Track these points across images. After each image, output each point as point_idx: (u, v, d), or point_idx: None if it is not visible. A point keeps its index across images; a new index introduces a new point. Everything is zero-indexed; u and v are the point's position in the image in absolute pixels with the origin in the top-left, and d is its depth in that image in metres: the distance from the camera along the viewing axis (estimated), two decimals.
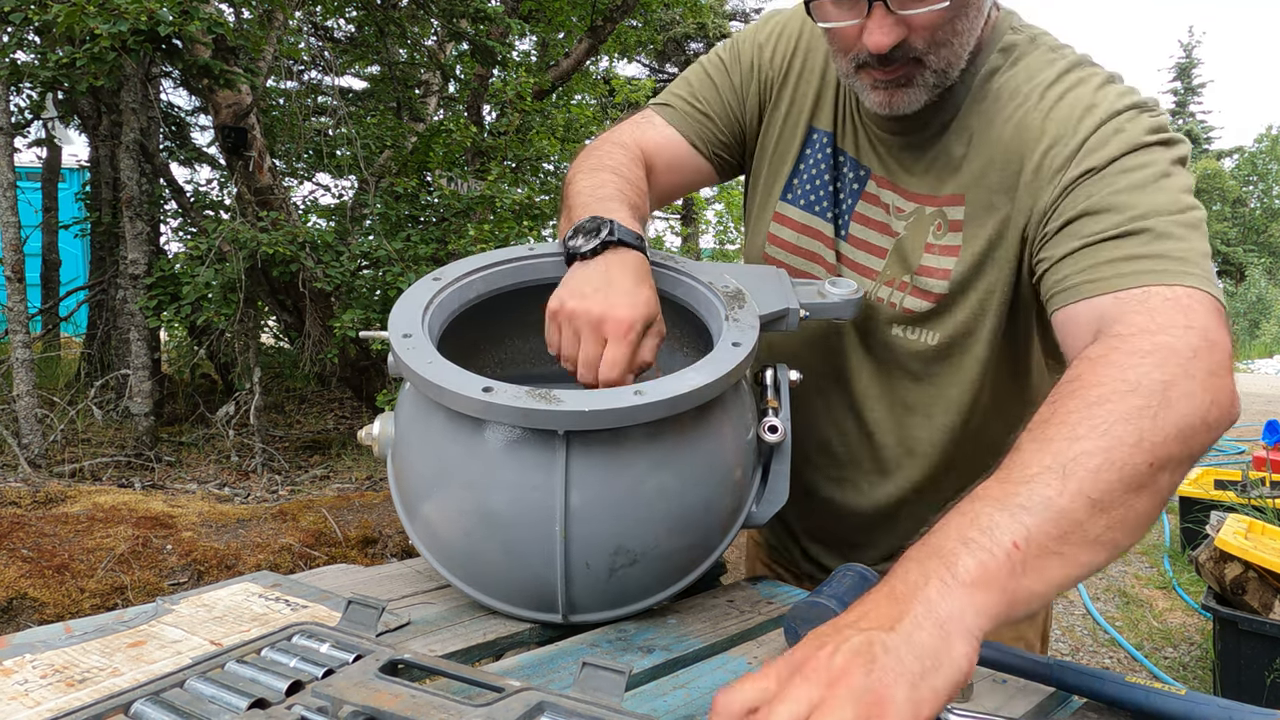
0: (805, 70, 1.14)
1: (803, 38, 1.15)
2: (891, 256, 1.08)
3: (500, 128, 6.35)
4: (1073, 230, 0.87)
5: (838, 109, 1.12)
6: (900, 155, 1.07)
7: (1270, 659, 2.65)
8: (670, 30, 16.32)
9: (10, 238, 4.22)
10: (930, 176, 1.05)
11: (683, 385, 0.82)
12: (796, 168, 1.14)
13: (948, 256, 1.03)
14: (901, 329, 1.08)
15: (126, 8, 3.63)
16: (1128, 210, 0.84)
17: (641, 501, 0.85)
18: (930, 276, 1.04)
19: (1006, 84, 1.00)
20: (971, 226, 1.01)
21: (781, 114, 1.15)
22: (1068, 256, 0.87)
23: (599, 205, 0.98)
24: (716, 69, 1.18)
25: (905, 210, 1.07)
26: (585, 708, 0.64)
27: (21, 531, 3.03)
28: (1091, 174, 0.88)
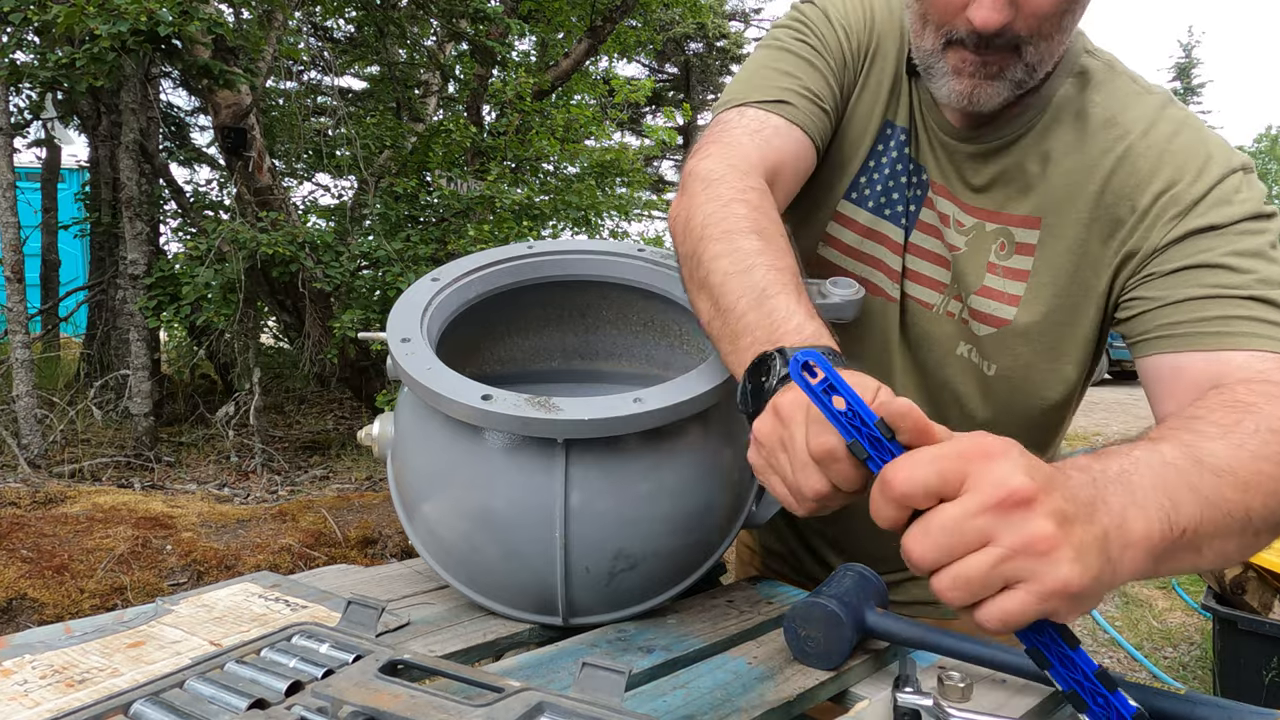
0: (879, 58, 1.03)
1: (874, 22, 1.04)
2: (957, 269, 1.00)
3: (500, 128, 6.35)
4: (1193, 278, 0.84)
5: (911, 104, 1.02)
6: (962, 163, 0.99)
7: (1269, 658, 2.65)
8: (670, 30, 16.32)
9: (10, 238, 4.22)
10: (995, 192, 0.98)
11: (682, 393, 0.82)
12: (866, 165, 1.03)
13: (1015, 281, 0.96)
14: (965, 348, 1.01)
15: (126, 8, 3.63)
16: (1255, 273, 0.82)
17: (641, 505, 0.85)
18: (994, 299, 0.97)
19: (1097, 111, 0.94)
20: (1046, 253, 0.94)
21: (853, 103, 1.03)
22: (1185, 302, 0.83)
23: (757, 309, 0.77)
24: (814, 56, 1.02)
25: (965, 224, 0.99)
26: (585, 708, 0.64)
27: (21, 532, 3.03)
28: (1214, 230, 0.85)
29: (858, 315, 1.06)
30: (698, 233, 0.86)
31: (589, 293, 1.13)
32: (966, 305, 0.99)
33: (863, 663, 0.86)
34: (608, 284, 1.09)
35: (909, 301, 1.03)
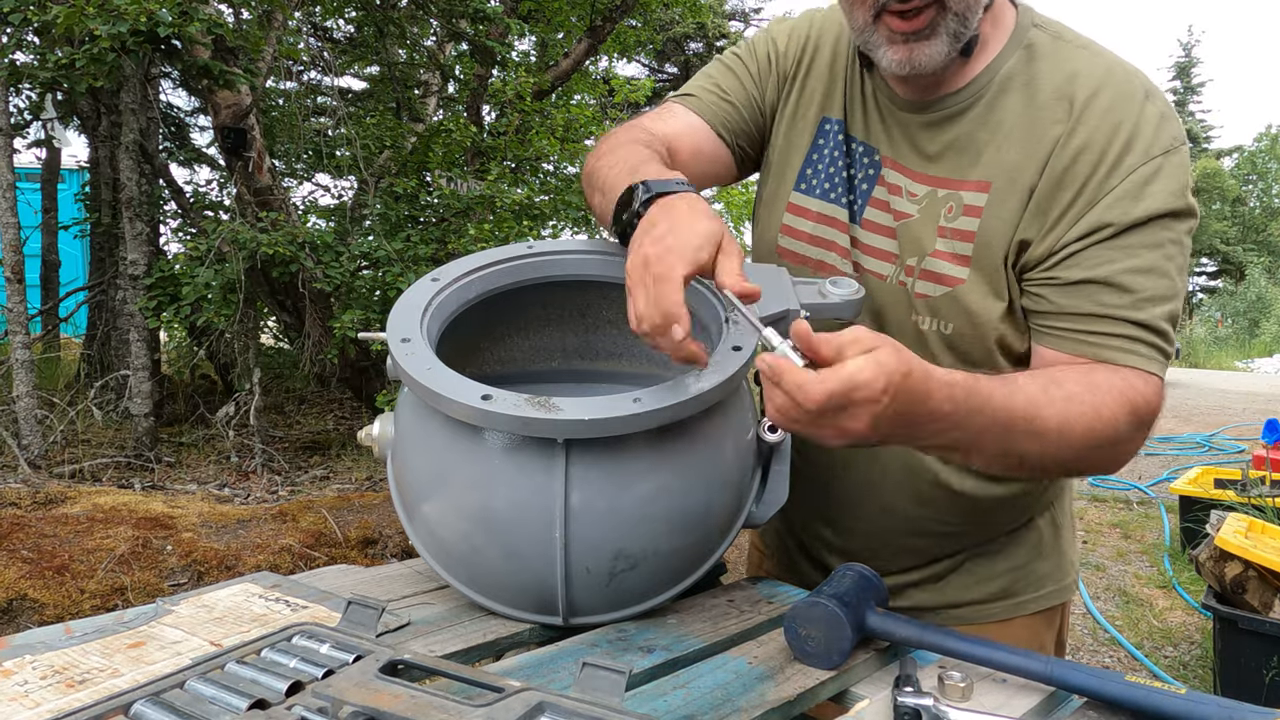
0: (814, 66, 1.15)
1: (810, 38, 1.17)
2: (903, 239, 1.06)
3: (500, 128, 6.35)
4: (1089, 294, 0.95)
5: (847, 95, 1.12)
6: (914, 134, 1.05)
7: (1270, 657, 2.65)
8: (670, 30, 16.31)
9: (10, 238, 4.22)
10: (947, 160, 1.03)
11: (681, 393, 0.82)
12: (809, 157, 1.14)
13: (962, 242, 1.01)
14: (918, 317, 1.06)
15: (126, 9, 3.63)
16: (1141, 293, 0.93)
17: (641, 505, 0.85)
18: (945, 260, 1.03)
19: (1044, 82, 0.99)
20: (990, 215, 1.00)
21: (792, 107, 1.16)
22: (1079, 315, 0.96)
23: (629, 177, 0.94)
24: (735, 62, 1.19)
25: (918, 194, 1.05)
26: (585, 708, 0.64)
27: (21, 532, 3.04)
28: (1115, 238, 0.94)
29: (859, 314, 1.07)
30: (593, 161, 1.07)
31: (589, 293, 1.13)
32: (920, 270, 1.04)
33: (863, 663, 0.86)
34: (608, 284, 1.09)
35: (864, 275, 1.09)
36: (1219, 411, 9.35)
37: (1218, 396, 10.84)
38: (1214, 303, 25.68)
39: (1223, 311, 23.51)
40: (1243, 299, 23.29)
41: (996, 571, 1.17)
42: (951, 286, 1.02)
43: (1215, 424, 8.37)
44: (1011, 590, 1.17)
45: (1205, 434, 7.74)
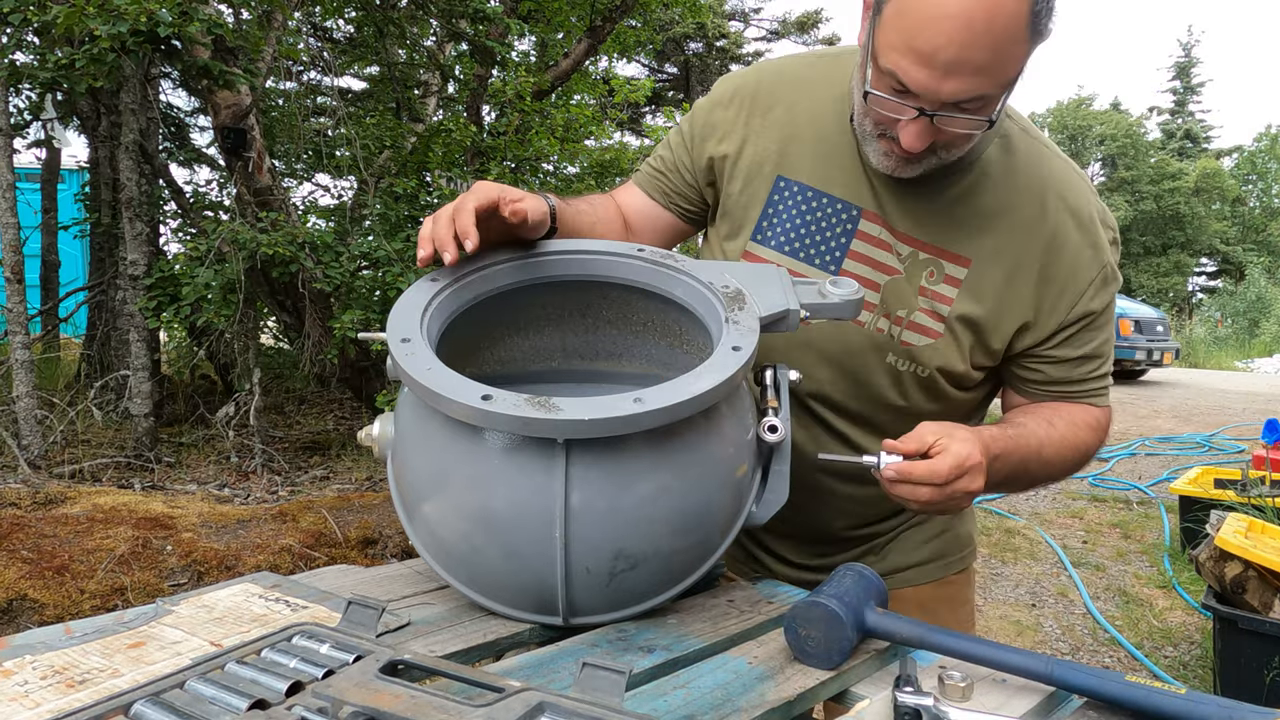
0: (765, 126, 1.22)
1: (758, 98, 1.23)
2: (889, 292, 1.17)
3: (499, 128, 6.35)
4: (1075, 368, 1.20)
5: (820, 155, 1.19)
6: (898, 194, 1.15)
7: (1270, 658, 2.65)
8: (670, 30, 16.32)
9: (10, 239, 4.22)
10: (930, 227, 1.15)
11: (682, 392, 0.82)
12: (765, 212, 1.21)
13: (941, 304, 1.16)
14: (895, 359, 1.18)
15: (126, 9, 3.63)
16: (1104, 357, 1.21)
17: (641, 505, 0.85)
18: (928, 317, 1.16)
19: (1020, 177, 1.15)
20: (970, 286, 1.15)
21: (743, 169, 1.23)
22: (1063, 380, 1.20)
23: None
24: (675, 135, 1.32)
25: (902, 253, 1.16)
26: (585, 708, 0.64)
27: (21, 532, 3.04)
28: (1092, 321, 1.18)
29: (858, 314, 1.07)
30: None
31: (589, 293, 1.13)
32: (907, 322, 1.17)
33: (863, 663, 0.86)
34: (608, 284, 1.09)
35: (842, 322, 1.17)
36: (1219, 411, 9.36)
37: (1218, 396, 10.84)
38: (1214, 303, 25.69)
39: (1222, 311, 23.51)
40: (1242, 299, 23.29)
41: (929, 536, 1.34)
42: (932, 339, 1.17)
43: (1215, 424, 8.37)
44: (943, 552, 1.35)
45: (1205, 434, 7.74)
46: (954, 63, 0.94)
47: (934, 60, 0.95)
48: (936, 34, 0.93)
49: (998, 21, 0.92)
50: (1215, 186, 28.27)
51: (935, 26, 0.93)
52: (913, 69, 0.96)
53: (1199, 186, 28.07)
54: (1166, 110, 33.22)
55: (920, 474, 0.97)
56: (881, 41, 0.99)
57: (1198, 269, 30.62)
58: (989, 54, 0.94)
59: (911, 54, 0.96)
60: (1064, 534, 4.97)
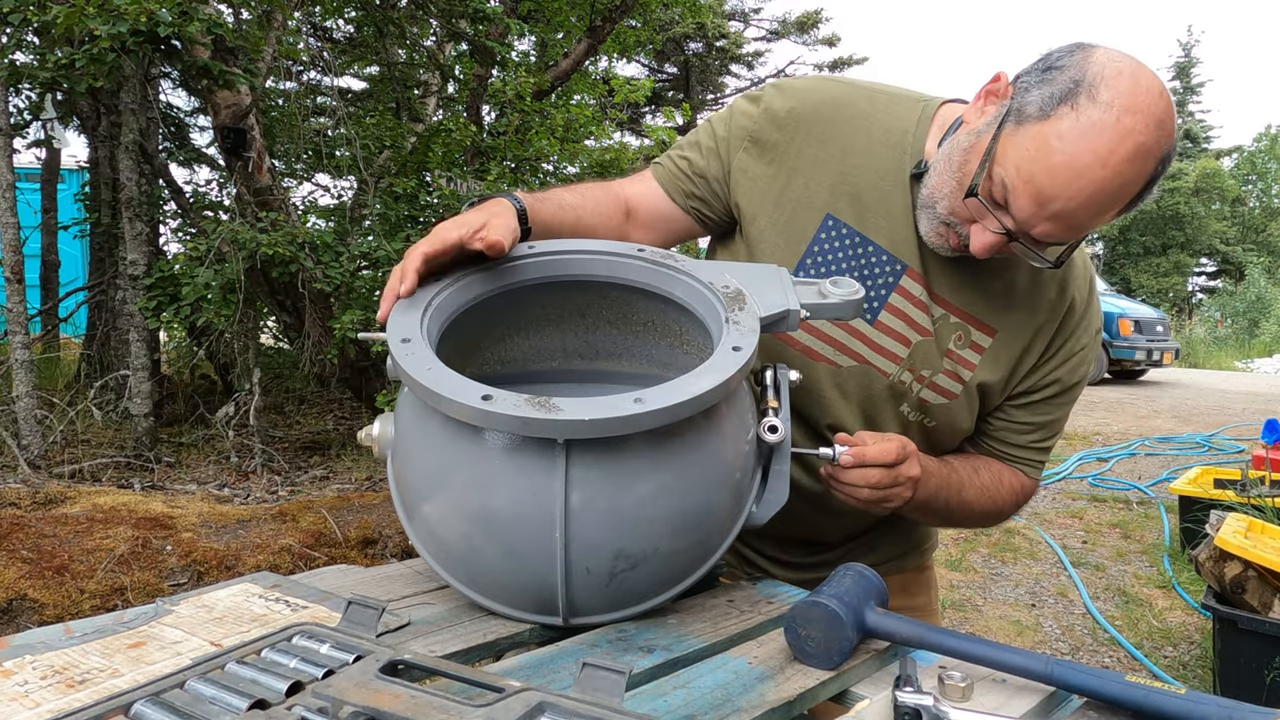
0: (818, 159, 1.18)
1: (814, 127, 1.19)
2: (918, 351, 1.19)
3: (499, 128, 6.35)
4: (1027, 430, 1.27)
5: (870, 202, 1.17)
6: (936, 259, 1.17)
7: (1270, 658, 2.65)
8: (670, 30, 16.31)
9: (10, 239, 4.22)
10: (963, 294, 1.18)
11: (682, 393, 0.82)
12: (810, 249, 1.19)
13: (964, 368, 1.21)
14: (909, 410, 1.22)
15: (126, 9, 3.63)
16: (1054, 432, 1.29)
17: (642, 505, 0.85)
18: (950, 379, 1.21)
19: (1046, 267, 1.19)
20: (990, 357, 1.21)
21: (791, 200, 1.19)
22: (1015, 445, 1.28)
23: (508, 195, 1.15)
24: (706, 137, 1.26)
25: (935, 314, 1.19)
26: (585, 708, 0.64)
27: (21, 532, 3.04)
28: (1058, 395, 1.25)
29: (858, 314, 1.07)
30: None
31: (589, 293, 1.13)
32: (929, 381, 1.21)
33: (863, 663, 0.86)
34: (608, 284, 1.09)
35: (870, 369, 1.21)
36: (1218, 411, 9.36)
37: (1217, 396, 10.84)
38: (1214, 303, 25.69)
39: (1222, 312, 23.51)
40: (1242, 299, 23.29)
41: (911, 525, 1.40)
42: (948, 399, 1.22)
43: (1215, 424, 8.37)
44: (923, 538, 1.44)
45: (1205, 434, 7.74)
46: (1063, 214, 0.96)
47: (1048, 204, 0.96)
48: (1065, 186, 0.94)
49: (1119, 196, 0.96)
50: (1215, 186, 28.26)
51: (1068, 179, 0.94)
52: (1025, 199, 0.97)
53: (1199, 186, 28.06)
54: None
55: (872, 455, 1.05)
56: (1007, 153, 0.98)
57: (1197, 269, 30.61)
58: (1092, 218, 0.97)
59: (1032, 186, 0.96)
60: (1064, 534, 4.97)
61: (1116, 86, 0.93)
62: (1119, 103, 0.92)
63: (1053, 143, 0.94)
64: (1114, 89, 0.93)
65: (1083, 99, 0.94)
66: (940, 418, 1.23)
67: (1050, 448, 1.31)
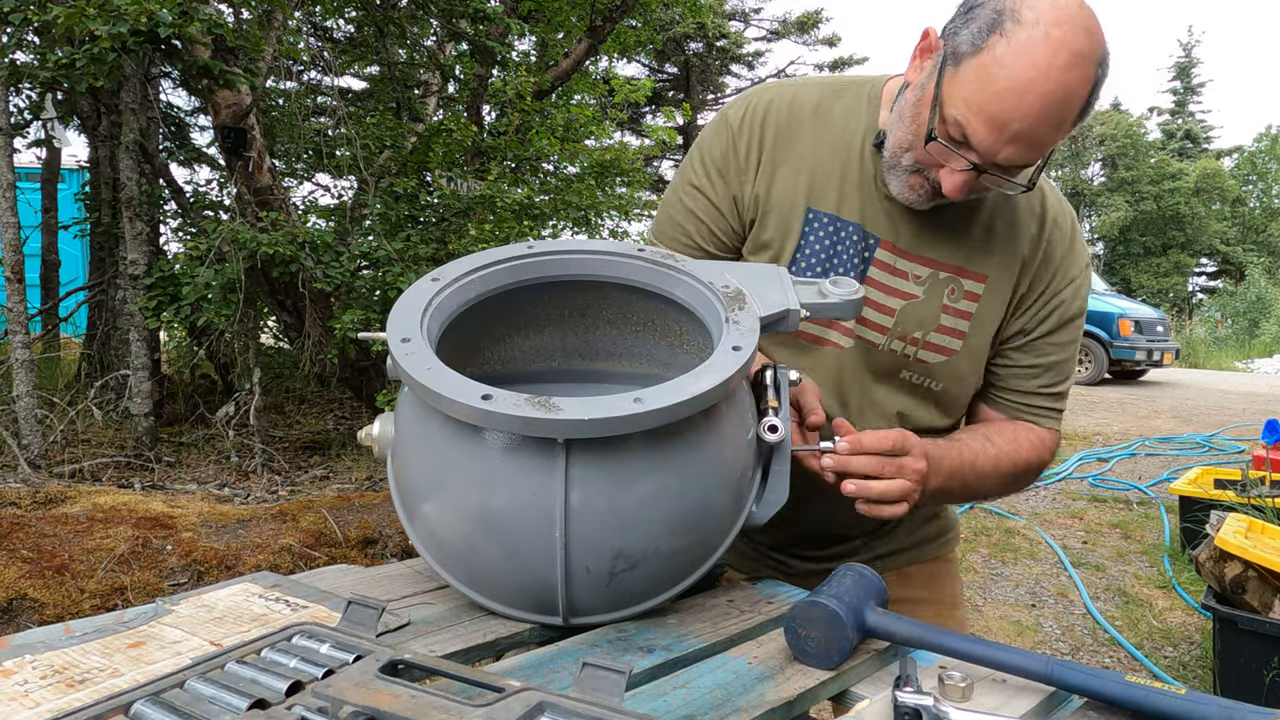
0: (789, 159, 1.23)
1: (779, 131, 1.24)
2: (904, 315, 1.22)
3: (500, 128, 6.35)
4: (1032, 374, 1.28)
5: (841, 185, 1.22)
6: (912, 220, 1.20)
7: (1270, 658, 2.65)
8: (670, 30, 16.31)
9: (10, 238, 4.22)
10: (944, 247, 1.21)
11: (682, 392, 0.82)
12: (799, 245, 1.23)
13: (962, 319, 1.23)
14: (909, 374, 1.25)
15: (126, 9, 3.63)
16: (1061, 376, 1.29)
17: (641, 505, 0.85)
18: (947, 335, 1.23)
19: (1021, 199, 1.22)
20: (985, 303, 1.23)
21: (775, 204, 1.24)
22: (1021, 392, 1.28)
23: None
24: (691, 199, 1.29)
25: (921, 276, 1.21)
26: (585, 708, 0.64)
27: (21, 532, 3.04)
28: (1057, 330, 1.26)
29: (858, 314, 1.07)
30: None
31: (589, 293, 1.13)
32: (924, 342, 1.23)
33: (863, 663, 0.86)
34: (608, 284, 1.09)
35: (859, 342, 1.24)
36: (1219, 412, 9.36)
37: (1218, 397, 10.84)
38: (1214, 303, 25.68)
39: (1223, 312, 23.51)
40: (1242, 299, 23.29)
41: (929, 515, 1.42)
42: (948, 356, 1.24)
43: (1215, 424, 8.37)
44: (943, 529, 1.45)
45: (1205, 434, 7.74)
46: (1021, 134, 1.00)
47: (1004, 128, 1.00)
48: (1014, 106, 0.98)
49: (1068, 105, 0.99)
50: (1215, 187, 28.27)
51: (1015, 99, 0.98)
52: (981, 129, 1.01)
53: (1199, 187, 28.06)
54: (1167, 111, 33.22)
55: (869, 443, 1.06)
56: (953, 92, 1.02)
57: (1198, 269, 30.61)
58: (1051, 132, 1.01)
59: (984, 115, 1.00)
60: (1064, 534, 4.97)
61: (1036, 6, 0.98)
62: (1044, 19, 0.97)
63: (993, 70, 0.99)
64: (1035, 8, 0.98)
65: (1009, 24, 0.99)
66: (945, 377, 1.25)
67: (1062, 394, 1.29)
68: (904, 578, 1.38)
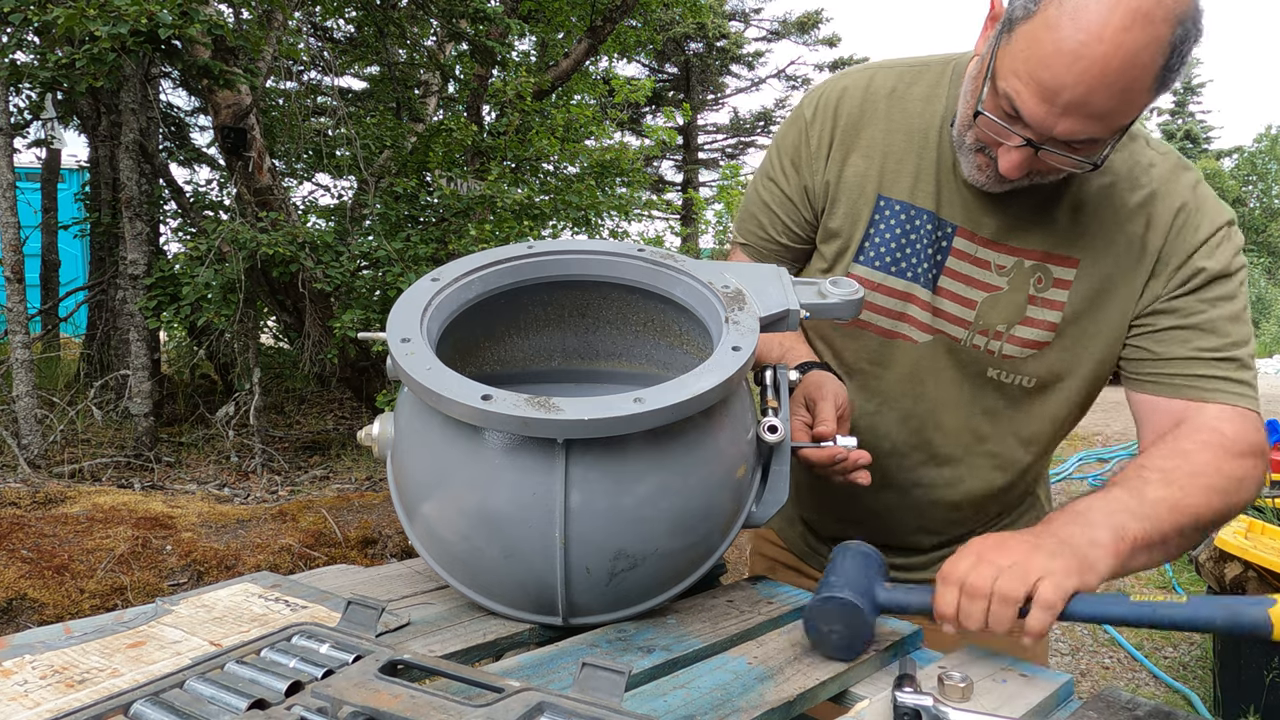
0: (859, 144, 1.19)
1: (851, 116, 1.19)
2: (986, 308, 1.15)
3: (500, 128, 6.34)
4: (1182, 338, 1.09)
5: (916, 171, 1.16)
6: (993, 206, 1.13)
7: (1270, 658, 2.65)
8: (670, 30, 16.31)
9: (10, 238, 4.21)
10: (1030, 234, 1.12)
11: (682, 392, 0.82)
12: (868, 233, 1.19)
13: (1051, 310, 1.14)
14: (997, 372, 1.17)
15: (126, 9, 3.63)
16: (1226, 337, 1.09)
17: (642, 505, 0.85)
18: (1035, 328, 1.14)
19: (1121, 170, 1.11)
20: (1080, 287, 1.12)
21: (845, 191, 1.20)
22: (1175, 360, 1.09)
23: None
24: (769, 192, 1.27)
25: (1005, 265, 1.14)
26: (585, 708, 0.64)
27: (21, 532, 3.04)
28: (1200, 288, 1.09)
29: (857, 314, 1.07)
30: None
31: (589, 293, 1.13)
32: (1008, 336, 1.15)
33: (863, 663, 0.86)
34: (608, 284, 1.09)
35: (939, 337, 1.18)
36: None
37: None
38: None
39: None
40: None
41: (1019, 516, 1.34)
42: (1037, 350, 1.15)
43: None
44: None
45: None
46: (1075, 103, 0.91)
47: (1056, 97, 0.91)
48: (1065, 72, 0.89)
49: (1130, 71, 0.88)
50: (1215, 187, 28.24)
51: (1066, 64, 0.89)
52: (1031, 100, 0.93)
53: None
54: (1166, 111, 33.23)
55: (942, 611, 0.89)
56: (1004, 63, 0.95)
57: None
58: (1112, 101, 0.90)
59: (1034, 85, 0.92)
60: None
61: None
62: None
63: (1041, 34, 0.90)
64: None
65: None
66: (1038, 371, 1.16)
67: (1235, 360, 1.08)
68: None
